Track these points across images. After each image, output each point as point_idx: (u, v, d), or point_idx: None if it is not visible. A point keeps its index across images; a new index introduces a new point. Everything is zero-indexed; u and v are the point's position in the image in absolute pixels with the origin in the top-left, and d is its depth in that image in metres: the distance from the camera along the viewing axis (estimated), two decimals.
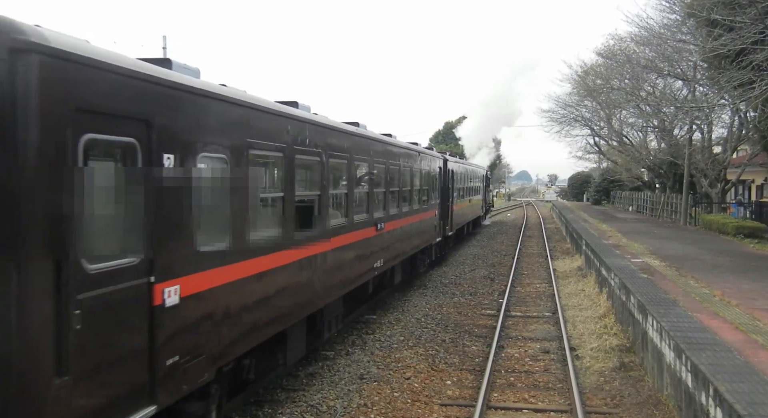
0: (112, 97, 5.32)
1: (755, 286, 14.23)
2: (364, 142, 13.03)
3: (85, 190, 4.93)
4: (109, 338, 5.26)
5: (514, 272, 22.39)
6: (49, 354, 4.59)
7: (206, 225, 6.70)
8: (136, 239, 5.64)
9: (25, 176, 4.47)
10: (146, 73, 5.82)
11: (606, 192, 67.95)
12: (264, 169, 8.40)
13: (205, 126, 6.74)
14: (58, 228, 4.72)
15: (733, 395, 6.96)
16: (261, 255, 7.94)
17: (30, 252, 4.52)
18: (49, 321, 4.62)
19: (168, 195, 5.99)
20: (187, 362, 6.33)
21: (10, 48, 4.41)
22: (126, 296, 5.45)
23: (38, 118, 4.53)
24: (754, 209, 33.77)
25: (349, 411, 9.14)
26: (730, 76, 18.70)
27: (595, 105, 47.17)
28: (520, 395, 10.12)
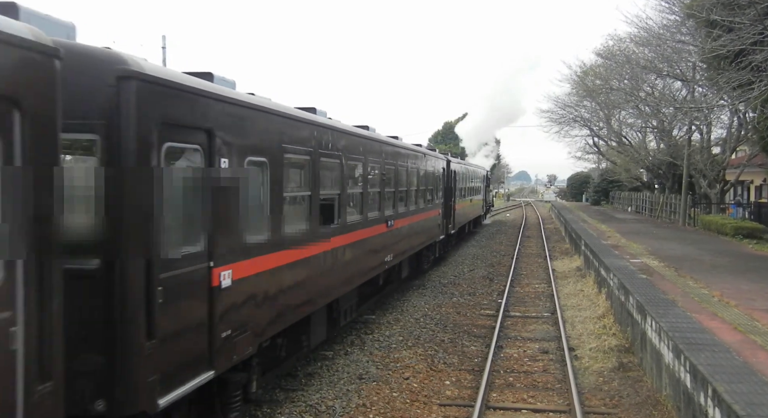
0: (185, 112, 6.49)
1: (754, 286, 14.25)
2: (376, 145, 14.04)
3: (165, 188, 5.99)
4: (181, 311, 6.36)
5: (513, 272, 22.40)
6: (143, 321, 5.74)
7: (251, 219, 7.73)
8: (200, 229, 6.70)
9: (125, 175, 5.63)
10: (210, 91, 6.94)
11: (605, 192, 67.98)
12: (295, 170, 9.54)
13: (251, 134, 7.85)
14: (149, 217, 5.78)
15: (731, 395, 6.97)
16: (292, 247, 9.01)
17: (129, 238, 5.64)
18: (142, 295, 5.73)
19: (223, 192, 7.04)
20: (237, 336, 7.36)
21: (117, 76, 5.63)
22: (192, 278, 6.54)
23: (136, 130, 5.69)
24: (753, 209, 33.81)
25: (348, 411, 9.14)
26: (729, 77, 18.71)
27: (595, 105, 47.19)
28: (518, 395, 10.12)
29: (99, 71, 5.66)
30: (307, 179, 9.89)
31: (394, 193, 15.64)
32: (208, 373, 6.76)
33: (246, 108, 7.78)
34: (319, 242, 10.12)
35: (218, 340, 6.94)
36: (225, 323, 7.07)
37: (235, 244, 7.32)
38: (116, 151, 5.65)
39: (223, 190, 7.01)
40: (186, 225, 6.54)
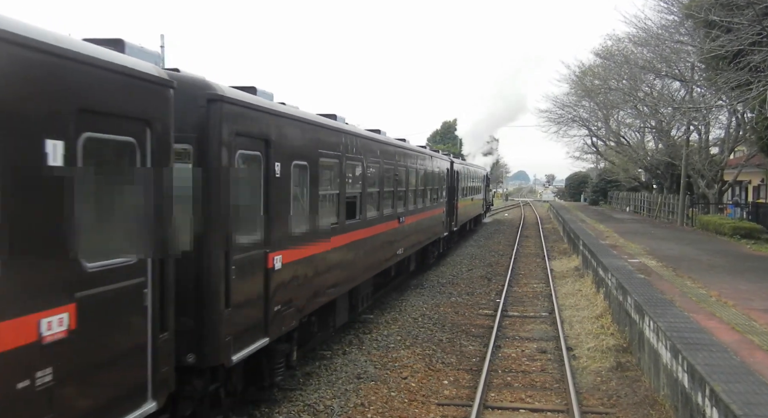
0: (252, 125, 7.99)
1: (752, 286, 14.27)
2: (390, 149, 15.48)
3: (239, 187, 7.54)
4: (247, 287, 7.78)
5: (511, 272, 22.41)
6: (222, 293, 7.24)
7: (296, 213, 9.27)
8: (260, 220, 8.14)
9: (220, 182, 7.16)
10: (268, 107, 8.46)
11: (603, 192, 68.02)
12: (327, 172, 10.90)
13: (296, 142, 9.32)
14: (227, 212, 7.25)
15: (729, 395, 6.98)
16: (325, 238, 10.49)
17: (214, 227, 7.08)
18: (220, 274, 7.19)
19: (277, 191, 8.52)
20: (285, 310, 8.81)
21: (206, 99, 7.14)
22: (254, 260, 7.98)
23: (221, 140, 7.20)
24: (751, 209, 33.84)
25: (346, 411, 9.14)
26: (727, 77, 18.72)
27: (593, 105, 47.21)
28: (517, 394, 10.13)
29: (193, 95, 7.09)
30: (336, 180, 11.35)
31: (405, 192, 17.01)
32: (264, 339, 8.26)
33: (292, 120, 9.26)
34: (344, 235, 11.67)
35: (271, 312, 8.41)
36: (276, 299, 8.53)
37: (284, 234, 8.82)
38: (205, 157, 7.13)
39: (276, 189, 8.51)
40: (250, 217, 8.01)
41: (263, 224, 8.22)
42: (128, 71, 5.57)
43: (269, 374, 8.91)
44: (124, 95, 5.57)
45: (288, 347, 9.39)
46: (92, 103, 5.12)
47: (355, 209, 12.58)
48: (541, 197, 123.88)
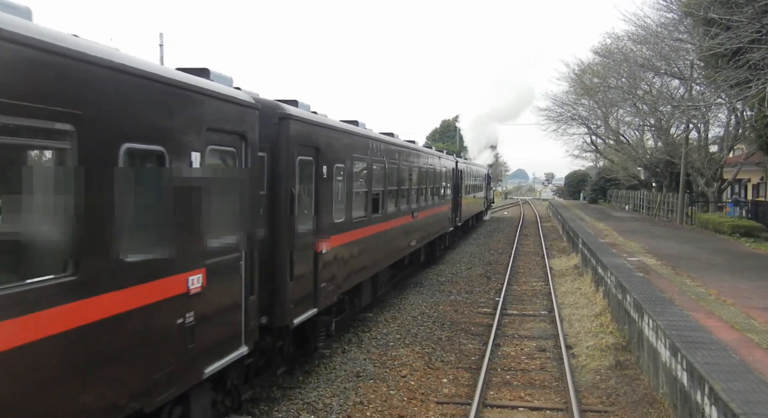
0: (307, 136, 9.93)
1: (751, 285, 14.27)
2: (405, 151, 17.39)
3: (300, 187, 9.51)
4: (302, 266, 9.64)
5: (510, 271, 22.40)
6: (287, 269, 9.12)
7: (336, 207, 11.14)
8: (311, 214, 10.01)
9: (288, 181, 9.11)
10: (318, 121, 10.54)
11: (602, 191, 68.01)
12: (358, 173, 12.75)
13: (336, 148, 11.27)
14: (291, 207, 9.14)
15: (728, 393, 6.98)
16: (357, 228, 12.44)
17: (283, 219, 9.05)
18: (286, 255, 9.11)
19: (323, 189, 10.44)
20: (328, 286, 10.70)
21: (278, 117, 9.06)
22: (307, 245, 9.83)
23: (288, 149, 9.17)
24: (750, 208, 33.84)
25: (345, 409, 9.14)
26: (726, 75, 18.71)
27: (592, 104, 47.22)
28: (516, 393, 10.13)
29: (268, 114, 8.85)
30: (365, 179, 13.24)
31: (417, 190, 18.94)
32: (314, 310, 10.11)
33: (333, 130, 11.23)
34: (371, 226, 13.56)
35: (319, 288, 10.26)
36: (322, 277, 10.39)
37: (329, 224, 10.75)
38: (276, 163, 9.04)
39: (323, 188, 10.46)
40: (306, 210, 9.89)
41: (315, 214, 10.18)
42: (233, 99, 7.47)
43: (313, 341, 10.80)
44: (230, 117, 7.41)
45: (328, 319, 11.29)
46: (213, 124, 6.96)
47: (379, 204, 14.49)
48: (541, 196, 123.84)
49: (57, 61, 4.72)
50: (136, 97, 5.68)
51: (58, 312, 4.69)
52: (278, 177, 9.05)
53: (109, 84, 5.29)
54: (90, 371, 5.07)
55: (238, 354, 7.47)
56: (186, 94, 6.50)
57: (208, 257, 6.75)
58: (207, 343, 6.77)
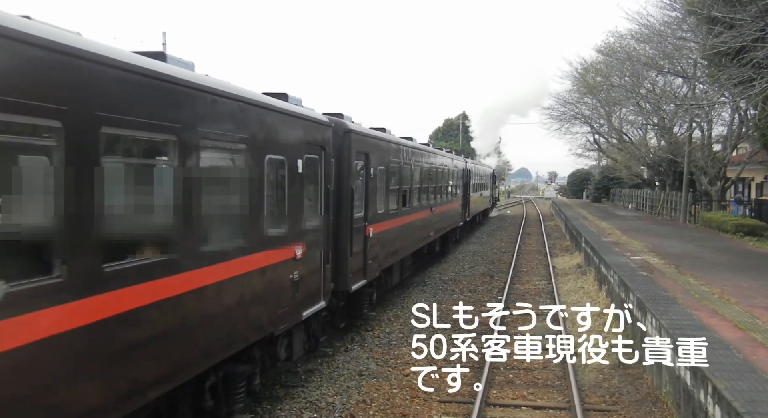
0: (361, 145, 12.69)
1: (754, 284, 14.25)
2: (425, 154, 20.22)
3: (356, 184, 12.25)
4: (357, 245, 12.31)
5: (513, 270, 22.38)
6: (348, 247, 11.77)
7: (379, 200, 14.10)
8: (362, 205, 12.78)
9: (349, 180, 11.85)
10: (369, 133, 13.76)
11: (605, 190, 67.89)
12: (393, 173, 15.53)
13: (380, 153, 14.25)
14: (351, 198, 11.79)
15: (731, 393, 6.98)
16: (391, 219, 15.22)
17: (345, 207, 11.62)
18: (348, 236, 11.76)
19: (372, 185, 13.29)
20: (373, 264, 13.38)
21: (343, 131, 11.66)
22: (360, 229, 12.52)
23: (349, 156, 11.93)
24: (754, 206, 33.78)
25: (348, 408, 9.15)
26: (730, 74, 18.69)
27: (595, 102, 47.12)
28: (518, 392, 10.13)
29: (337, 129, 11.40)
30: (396, 178, 15.93)
31: (435, 188, 21.62)
32: (363, 281, 12.84)
33: (377, 139, 14.31)
34: (401, 217, 16.30)
35: (367, 264, 12.96)
36: (369, 256, 13.09)
37: (374, 213, 13.46)
38: (341, 166, 11.77)
39: (371, 185, 13.29)
40: (360, 202, 12.59)
41: (364, 206, 12.87)
42: (318, 120, 10.32)
43: (359, 307, 13.46)
44: (317, 133, 10.08)
45: (371, 290, 14.08)
46: (308, 139, 9.64)
47: (406, 199, 17.13)
48: (543, 195, 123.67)
49: (245, 107, 7.72)
50: (273, 124, 8.55)
51: (242, 261, 7.56)
52: (342, 177, 11.79)
53: (265, 117, 8.27)
54: (255, 302, 7.99)
55: (319, 307, 10.19)
56: (296, 120, 9.38)
57: (305, 234, 9.45)
58: (304, 295, 9.45)
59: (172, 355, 6.27)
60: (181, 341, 6.39)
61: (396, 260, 16.07)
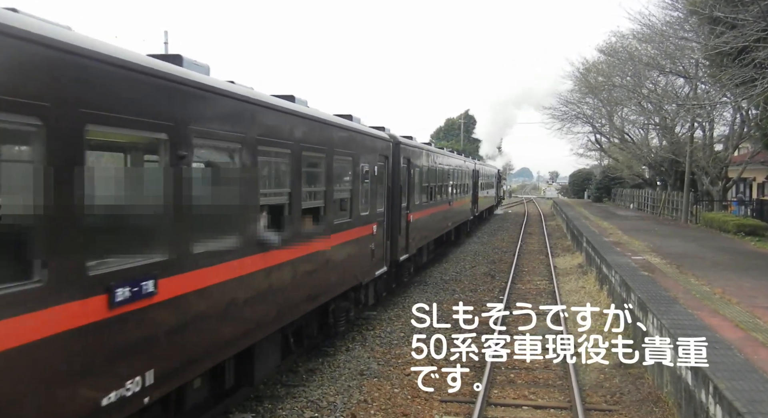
0: (405, 152, 16.23)
1: (756, 284, 14.24)
2: (444, 156, 24.42)
3: (403, 181, 16.03)
4: (400, 227, 15.57)
5: (514, 269, 22.38)
6: (399, 229, 15.43)
7: (415, 194, 17.49)
8: (405, 197, 16.14)
9: (399, 179, 15.60)
10: (412, 143, 17.74)
11: (607, 189, 67.84)
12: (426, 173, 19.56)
13: (417, 158, 17.88)
14: (399, 193, 15.40)
15: (732, 392, 6.98)
16: (423, 209, 19.00)
17: (396, 199, 15.27)
18: (399, 221, 15.49)
19: (411, 182, 16.85)
20: (412, 243, 16.84)
21: (394, 143, 15.39)
22: (403, 215, 15.89)
23: (399, 162, 15.65)
24: (755, 207, 33.77)
25: (349, 407, 9.15)
26: (732, 74, 18.67)
27: (597, 102, 47.10)
28: (520, 392, 10.13)
29: (391, 142, 15.13)
30: (425, 176, 19.59)
31: (452, 185, 25.46)
32: (407, 254, 16.34)
33: (415, 147, 17.96)
34: (430, 209, 20.28)
35: (408, 242, 16.50)
36: (410, 236, 16.66)
37: (412, 204, 17.02)
38: (391, 168, 15.11)
39: (411, 182, 16.87)
40: (403, 195, 15.95)
41: (407, 198, 16.44)
42: (384, 137, 14.57)
43: (399, 277, 16.89)
44: (384, 147, 14.39)
45: (410, 264, 17.86)
46: (380, 151, 13.81)
47: (432, 194, 20.91)
48: (545, 194, 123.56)
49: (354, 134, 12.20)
50: (364, 142, 12.77)
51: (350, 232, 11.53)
52: (395, 177, 15.43)
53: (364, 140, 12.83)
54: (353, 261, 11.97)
55: (384, 270, 14.31)
56: (374, 139, 13.76)
57: (377, 217, 13.49)
58: (376, 260, 13.46)
59: (318, 286, 10.10)
60: (322, 278, 10.35)
61: (425, 242, 20.13)
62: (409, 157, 16.65)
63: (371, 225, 12.92)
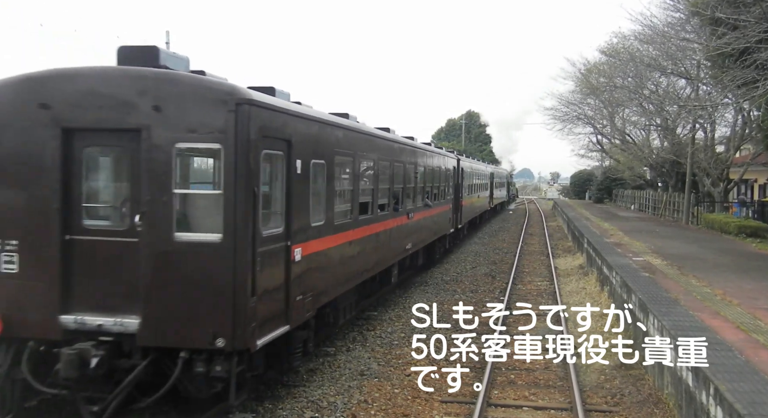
0: (461, 165, 27.90)
1: (757, 285, 14.22)
2: (477, 166, 35.81)
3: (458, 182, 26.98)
4: (457, 209, 26.57)
5: (515, 270, 22.37)
6: (457, 210, 26.60)
7: (464, 189, 28.50)
8: (460, 190, 27.32)
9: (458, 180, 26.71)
10: (464, 159, 30.50)
11: (608, 190, 67.78)
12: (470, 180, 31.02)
13: (466, 163, 30.42)
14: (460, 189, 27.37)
15: (733, 394, 6.96)
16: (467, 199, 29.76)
17: (457, 193, 26.63)
18: (458, 204, 26.88)
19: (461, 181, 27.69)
20: (462, 219, 28.09)
21: (456, 160, 27.02)
22: (459, 200, 27.16)
23: (458, 171, 26.77)
24: (757, 208, 33.73)
25: (350, 407, 9.14)
26: (733, 75, 18.66)
27: (598, 103, 47.05)
28: (520, 392, 10.12)
29: (456, 159, 26.88)
30: (467, 178, 28.36)
31: (478, 185, 35.56)
32: (459, 225, 27.22)
33: (465, 161, 29.94)
34: (469, 199, 29.85)
35: (459, 218, 26.66)
36: (462, 215, 27.57)
37: (463, 195, 27.78)
38: (454, 174, 25.78)
39: (461, 181, 27.37)
40: (460, 190, 26.92)
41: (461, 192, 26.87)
42: (452, 156, 25.92)
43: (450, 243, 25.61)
44: (453, 162, 25.47)
45: (458, 234, 27.41)
46: (451, 164, 24.69)
47: (471, 190, 29.72)
48: (546, 195, 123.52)
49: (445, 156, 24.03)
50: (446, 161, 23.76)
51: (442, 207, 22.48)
52: (456, 179, 25.17)
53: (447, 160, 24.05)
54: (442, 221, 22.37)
55: (452, 230, 24.16)
56: (449, 158, 24.42)
57: (449, 201, 23.54)
58: (450, 224, 23.67)
59: (427, 234, 19.68)
60: (428, 229, 19.75)
61: (466, 221, 29.47)
62: (462, 167, 27.42)
63: (448, 205, 23.64)
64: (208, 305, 7.46)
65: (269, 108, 8.22)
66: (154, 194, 7.53)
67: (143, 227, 7.55)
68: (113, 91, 7.69)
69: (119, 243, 7.71)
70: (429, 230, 19.82)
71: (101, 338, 7.57)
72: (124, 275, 7.64)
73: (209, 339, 7.36)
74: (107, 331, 7.60)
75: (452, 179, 24.86)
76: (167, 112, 7.54)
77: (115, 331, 7.60)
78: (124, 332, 7.57)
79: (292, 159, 8.70)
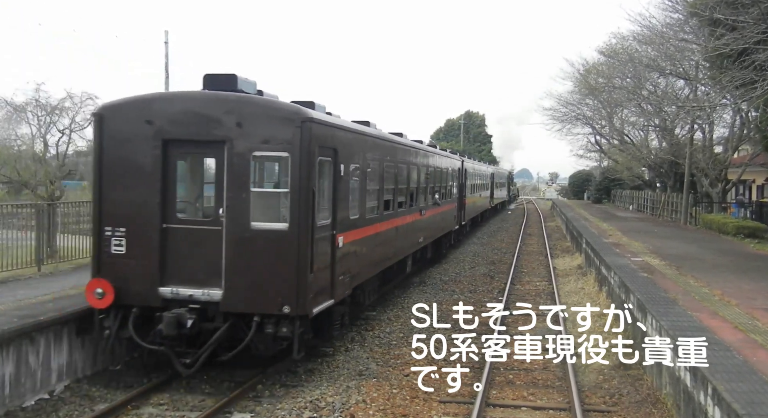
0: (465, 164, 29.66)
1: (755, 286, 14.25)
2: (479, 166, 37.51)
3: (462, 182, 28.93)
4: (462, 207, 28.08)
5: (514, 270, 22.39)
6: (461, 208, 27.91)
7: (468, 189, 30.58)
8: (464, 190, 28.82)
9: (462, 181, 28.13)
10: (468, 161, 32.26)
11: (606, 191, 67.81)
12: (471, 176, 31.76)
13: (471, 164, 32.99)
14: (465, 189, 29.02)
15: (731, 394, 6.98)
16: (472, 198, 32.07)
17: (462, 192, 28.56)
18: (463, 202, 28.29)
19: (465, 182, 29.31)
20: (465, 216, 29.34)
21: (461, 162, 28.39)
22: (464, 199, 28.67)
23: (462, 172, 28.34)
24: (755, 209, 33.76)
25: (348, 407, 9.15)
26: (732, 76, 18.67)
27: (597, 104, 47.06)
28: (519, 392, 10.13)
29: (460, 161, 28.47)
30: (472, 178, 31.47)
31: (480, 184, 37.00)
32: (463, 222, 28.34)
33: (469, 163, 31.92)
34: (472, 197, 32.30)
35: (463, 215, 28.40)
36: (465, 212, 28.87)
37: (467, 195, 29.69)
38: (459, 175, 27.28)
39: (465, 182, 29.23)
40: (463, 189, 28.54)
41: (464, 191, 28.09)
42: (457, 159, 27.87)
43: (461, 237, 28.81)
44: (458, 164, 27.21)
45: (462, 230, 28.92)
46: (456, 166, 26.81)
47: (472, 189, 31.77)
48: (544, 195, 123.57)
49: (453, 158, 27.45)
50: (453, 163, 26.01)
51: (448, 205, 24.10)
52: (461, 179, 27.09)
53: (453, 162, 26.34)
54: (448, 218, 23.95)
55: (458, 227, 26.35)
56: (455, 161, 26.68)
57: (454, 200, 25.11)
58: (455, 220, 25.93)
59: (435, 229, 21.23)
60: (437, 225, 21.35)
61: (468, 219, 30.91)
62: (466, 169, 29.05)
63: (454, 203, 25.25)
64: (276, 279, 9.29)
65: (323, 124, 10.16)
66: (235, 192, 9.37)
67: (226, 217, 9.40)
68: (204, 111, 9.65)
69: (206, 231, 9.59)
70: (437, 225, 21.67)
71: (191, 306, 9.37)
72: (209, 255, 9.46)
73: (278, 306, 9.25)
74: (196, 300, 9.44)
75: (457, 179, 26.59)
76: (246, 127, 9.42)
77: (202, 300, 9.44)
78: (210, 300, 9.42)
79: (337, 164, 10.69)
